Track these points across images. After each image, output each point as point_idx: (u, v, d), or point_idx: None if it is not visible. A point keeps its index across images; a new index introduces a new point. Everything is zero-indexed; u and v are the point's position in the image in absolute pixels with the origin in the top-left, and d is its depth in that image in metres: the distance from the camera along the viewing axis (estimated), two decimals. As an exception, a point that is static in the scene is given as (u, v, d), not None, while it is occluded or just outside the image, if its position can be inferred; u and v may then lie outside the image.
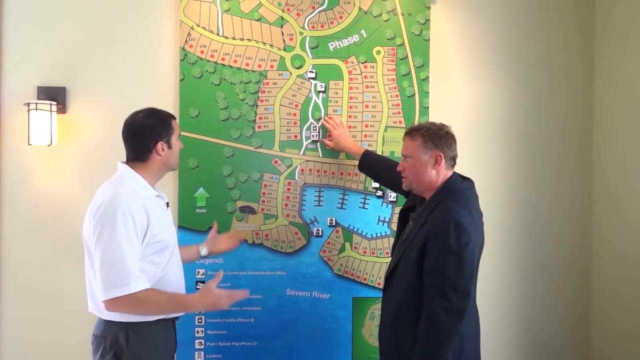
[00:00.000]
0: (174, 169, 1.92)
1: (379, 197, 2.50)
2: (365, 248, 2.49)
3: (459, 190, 1.77)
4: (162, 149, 1.79)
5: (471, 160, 2.55)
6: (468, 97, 2.62)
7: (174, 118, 1.89)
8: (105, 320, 1.73)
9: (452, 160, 1.82)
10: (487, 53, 2.63)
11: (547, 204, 2.68)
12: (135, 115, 1.82)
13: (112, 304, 1.64)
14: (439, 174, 1.79)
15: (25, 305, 2.42)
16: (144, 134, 1.78)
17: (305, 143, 2.46)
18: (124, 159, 1.91)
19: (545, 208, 2.68)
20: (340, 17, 2.48)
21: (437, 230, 1.64)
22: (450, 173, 1.82)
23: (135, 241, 1.65)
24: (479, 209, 1.82)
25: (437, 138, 1.78)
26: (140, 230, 1.68)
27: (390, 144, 2.50)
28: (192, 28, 2.41)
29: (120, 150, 2.17)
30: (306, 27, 2.47)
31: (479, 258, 1.77)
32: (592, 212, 2.72)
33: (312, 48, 2.46)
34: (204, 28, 2.42)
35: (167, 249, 1.79)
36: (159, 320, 1.76)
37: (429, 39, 2.51)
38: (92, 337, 1.79)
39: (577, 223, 2.71)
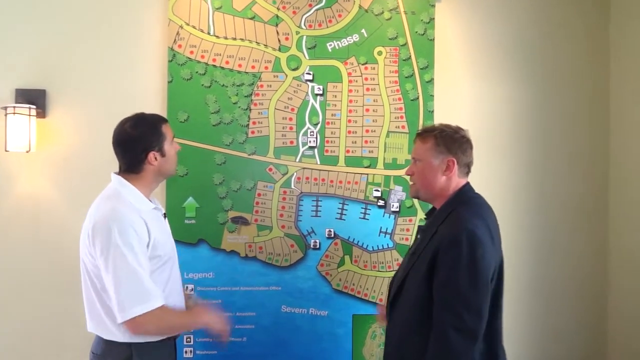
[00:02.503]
0: (172, 175, 1.84)
1: (380, 207, 2.41)
2: (366, 261, 2.40)
3: (472, 199, 1.68)
4: (155, 159, 1.71)
5: (477, 167, 2.34)
6: (475, 100, 2.54)
7: (165, 122, 1.78)
8: (106, 339, 1.67)
9: (467, 168, 1.71)
10: (495, 53, 2.55)
11: (559, 215, 2.59)
12: (122, 125, 1.72)
13: (135, 324, 1.58)
14: (450, 182, 1.68)
15: (7, 315, 2.33)
16: (132, 146, 1.70)
17: (301, 149, 2.38)
18: (109, 167, 1.84)
19: (557, 219, 2.59)
20: (339, 16, 2.40)
21: (448, 241, 1.54)
22: (463, 181, 1.71)
23: (142, 256, 1.61)
24: (496, 223, 1.70)
25: (451, 142, 1.68)
26: (144, 243, 1.63)
27: (392, 150, 2.41)
28: (181, 27, 2.33)
29: (104, 157, 2.19)
30: (303, 26, 2.38)
31: (499, 283, 1.64)
32: (608, 223, 2.62)
33: (309, 48, 2.38)
34: (194, 27, 2.34)
35: (168, 263, 1.74)
36: (162, 339, 1.71)
37: (433, 39, 2.43)
38: (91, 354, 1.72)
39: (591, 234, 2.62)
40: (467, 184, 1.73)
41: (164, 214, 1.84)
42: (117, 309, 1.57)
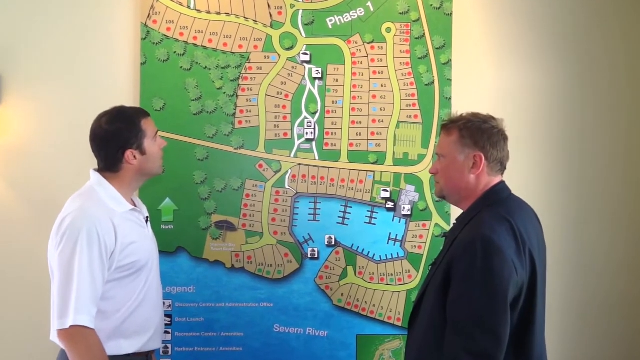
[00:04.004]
0: (157, 174, 1.81)
1: (389, 209, 2.28)
2: (373, 273, 2.27)
3: (503, 201, 1.57)
4: (134, 157, 1.69)
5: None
6: (499, 85, 2.39)
7: (146, 115, 1.75)
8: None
9: (499, 164, 1.60)
10: (523, 31, 2.39)
11: (595, 221, 2.43)
12: (98, 120, 1.71)
13: (61, 335, 1.56)
14: (479, 181, 1.58)
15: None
16: (108, 143, 1.69)
17: (297, 142, 2.26)
18: (73, 162, 1.90)
19: (592, 226, 2.43)
20: (341, -14, 2.29)
21: (461, 250, 1.46)
22: (496, 180, 1.60)
23: (98, 265, 1.58)
24: (536, 229, 1.59)
25: (479, 134, 1.56)
26: (107, 251, 1.60)
27: (402, 143, 2.28)
28: (156, -1, 2.22)
29: (67, 151, 2.17)
30: (299, -1, 2.28)
31: (530, 303, 1.49)
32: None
33: (305, 24, 2.26)
34: (172, -1, 2.23)
35: (143, 271, 1.70)
36: (129, 355, 1.67)
37: (451, 13, 2.29)
38: None
39: (631, 245, 2.44)
40: (501, 182, 1.62)
41: (147, 217, 1.80)
42: (54, 314, 1.57)
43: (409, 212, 2.27)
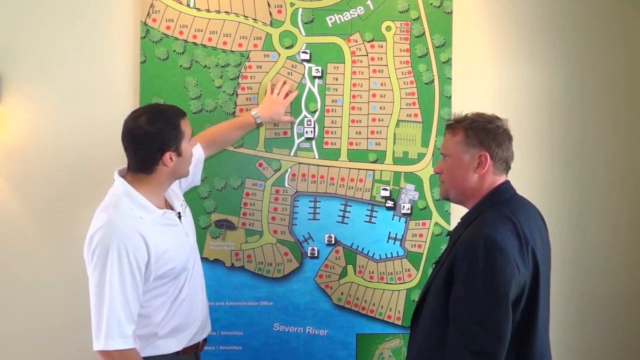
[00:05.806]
0: (186, 176, 1.79)
1: (389, 208, 2.24)
2: (373, 272, 2.24)
3: (506, 201, 1.57)
4: (170, 159, 1.64)
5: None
6: (499, 84, 2.35)
7: (184, 115, 1.70)
8: None
9: (504, 164, 1.61)
10: (524, 29, 2.35)
11: (595, 220, 2.40)
12: (136, 118, 1.63)
13: (98, 354, 1.55)
14: (483, 180, 1.58)
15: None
16: (147, 144, 1.63)
17: (297, 141, 2.23)
18: (74, 162, 1.87)
19: (593, 225, 2.40)
20: (341, -16, 2.24)
21: (464, 249, 1.47)
22: (501, 180, 1.61)
23: (130, 283, 1.55)
24: (540, 229, 1.59)
25: (484, 133, 1.57)
26: (139, 266, 1.58)
27: (402, 142, 2.25)
28: (156, -3, 2.17)
29: (65, 150, 2.14)
30: (298, -3, 2.23)
31: (532, 302, 1.50)
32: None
33: (305, 23, 2.22)
34: (171, -2, 2.18)
35: (181, 276, 1.70)
36: (177, 352, 1.69)
37: (451, 12, 2.25)
38: None
39: (632, 245, 2.41)
40: (506, 182, 1.63)
41: (179, 213, 1.74)
42: (92, 333, 1.56)
43: (409, 211, 2.24)
